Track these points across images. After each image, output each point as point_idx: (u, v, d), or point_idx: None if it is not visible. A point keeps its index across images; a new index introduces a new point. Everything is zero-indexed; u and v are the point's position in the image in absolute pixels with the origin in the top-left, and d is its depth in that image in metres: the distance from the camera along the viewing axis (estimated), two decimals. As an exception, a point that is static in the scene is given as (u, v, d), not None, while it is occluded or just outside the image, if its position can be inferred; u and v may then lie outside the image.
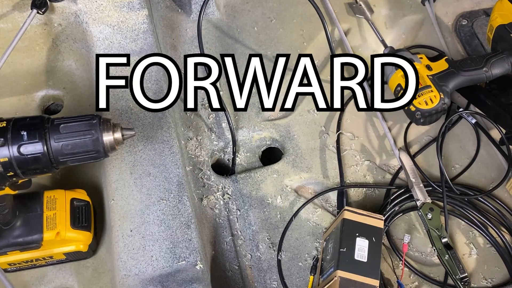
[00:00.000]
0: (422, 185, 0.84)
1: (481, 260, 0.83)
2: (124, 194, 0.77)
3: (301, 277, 0.82)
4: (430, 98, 0.82)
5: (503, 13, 0.91)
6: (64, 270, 0.79)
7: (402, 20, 1.07)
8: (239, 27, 1.04)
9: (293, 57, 1.03)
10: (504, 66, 0.85)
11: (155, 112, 0.84)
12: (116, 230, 0.75)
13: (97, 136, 0.61)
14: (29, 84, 0.94)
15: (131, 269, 0.72)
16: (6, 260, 0.73)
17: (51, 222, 0.72)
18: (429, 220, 0.83)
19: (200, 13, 0.88)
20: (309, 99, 0.99)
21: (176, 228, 0.75)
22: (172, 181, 0.79)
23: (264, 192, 0.89)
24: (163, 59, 0.84)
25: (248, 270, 0.83)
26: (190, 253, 0.73)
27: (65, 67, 0.95)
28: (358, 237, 0.73)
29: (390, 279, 0.81)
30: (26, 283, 0.78)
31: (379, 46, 0.98)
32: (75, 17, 0.90)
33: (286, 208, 0.88)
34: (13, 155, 0.58)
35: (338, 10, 1.04)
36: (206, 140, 0.93)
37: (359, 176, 0.91)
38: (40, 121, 0.60)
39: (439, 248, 0.81)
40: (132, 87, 0.82)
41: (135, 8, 0.90)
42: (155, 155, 0.81)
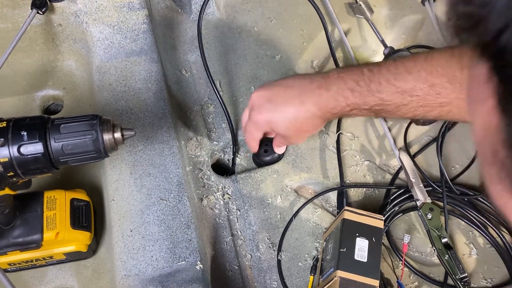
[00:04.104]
0: (422, 185, 0.84)
1: (481, 260, 0.83)
2: (124, 194, 0.77)
3: (301, 277, 0.82)
4: (430, 98, 0.82)
5: (503, 13, 0.91)
6: (64, 270, 0.79)
7: (402, 20, 1.07)
8: (239, 27, 1.04)
9: (293, 57, 1.03)
10: (504, 66, 0.85)
11: (155, 112, 0.84)
12: (116, 230, 0.75)
13: (97, 136, 0.61)
14: (29, 84, 0.94)
15: (131, 269, 0.72)
16: (6, 260, 0.73)
17: (51, 222, 0.72)
18: (429, 220, 0.83)
19: (200, 13, 0.88)
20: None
21: (176, 228, 0.75)
22: (172, 181, 0.79)
23: (264, 192, 0.89)
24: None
25: (248, 270, 0.83)
26: (190, 253, 0.74)
27: (65, 67, 0.95)
28: (358, 237, 0.73)
29: (390, 279, 0.81)
30: (26, 283, 0.78)
31: (379, 46, 0.98)
32: (75, 17, 0.90)
33: (286, 208, 0.88)
34: (13, 155, 0.58)
35: (338, 10, 1.04)
36: (206, 140, 0.93)
37: (359, 176, 0.91)
38: (41, 121, 0.60)
39: (439, 248, 0.81)
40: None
41: (135, 8, 0.90)
42: (155, 155, 0.81)
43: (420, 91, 0.64)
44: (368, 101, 0.67)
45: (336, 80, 0.69)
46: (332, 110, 0.70)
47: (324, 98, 0.69)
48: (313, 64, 1.03)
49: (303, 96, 0.71)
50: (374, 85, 0.66)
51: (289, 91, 0.73)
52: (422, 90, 0.64)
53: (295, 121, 0.73)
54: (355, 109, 0.69)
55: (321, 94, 0.70)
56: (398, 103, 0.66)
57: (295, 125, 0.73)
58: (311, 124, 0.73)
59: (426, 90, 0.64)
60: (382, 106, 0.67)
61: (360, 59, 1.03)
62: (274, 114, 0.73)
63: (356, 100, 0.68)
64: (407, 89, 0.65)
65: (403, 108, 0.67)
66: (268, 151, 0.91)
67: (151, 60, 0.90)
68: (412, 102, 0.66)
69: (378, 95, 0.66)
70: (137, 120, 0.83)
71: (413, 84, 0.64)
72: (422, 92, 0.64)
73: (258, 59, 1.02)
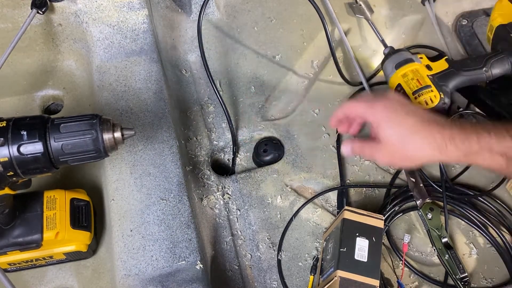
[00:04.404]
0: (422, 185, 0.84)
1: (481, 260, 0.83)
2: (124, 194, 0.77)
3: (301, 277, 0.82)
4: (430, 98, 0.82)
5: (503, 12, 0.91)
6: (64, 270, 0.79)
7: (402, 20, 1.07)
8: (239, 27, 1.04)
9: (293, 57, 1.03)
10: (504, 66, 0.85)
11: (155, 112, 0.84)
12: (116, 230, 0.75)
13: (97, 136, 0.61)
14: (29, 84, 0.94)
15: (131, 269, 0.72)
16: (6, 260, 0.73)
17: (51, 222, 0.72)
18: (429, 220, 0.83)
19: (200, 13, 0.88)
20: (309, 99, 0.99)
21: (176, 228, 0.75)
22: (172, 181, 0.79)
23: (264, 192, 0.89)
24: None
25: (248, 270, 0.83)
26: (190, 253, 0.74)
27: (65, 67, 0.95)
28: (358, 237, 0.73)
29: (390, 279, 0.81)
30: (26, 283, 0.78)
31: (379, 46, 0.98)
32: (75, 17, 0.90)
33: (286, 208, 0.88)
34: (13, 154, 0.58)
35: (338, 10, 1.04)
36: (206, 140, 0.93)
37: (359, 176, 0.91)
38: (40, 120, 0.60)
39: (439, 248, 0.81)
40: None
41: (135, 8, 0.90)
42: (155, 155, 0.81)
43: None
44: (504, 142, 0.61)
45: (469, 123, 0.65)
46: (457, 144, 0.62)
47: (452, 131, 0.63)
48: (313, 64, 1.03)
49: (428, 126, 0.64)
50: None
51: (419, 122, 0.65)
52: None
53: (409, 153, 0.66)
54: (485, 149, 0.62)
55: (451, 127, 0.63)
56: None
57: (407, 155, 0.67)
58: (425, 159, 0.67)
59: None
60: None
61: (360, 59, 1.03)
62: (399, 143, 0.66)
63: (491, 140, 0.61)
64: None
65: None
66: (268, 151, 0.91)
67: (151, 60, 0.90)
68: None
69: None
70: (137, 120, 0.83)
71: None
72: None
73: (258, 59, 1.02)
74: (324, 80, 1.01)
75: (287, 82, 1.01)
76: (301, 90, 1.01)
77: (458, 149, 0.63)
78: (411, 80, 0.85)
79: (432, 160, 0.66)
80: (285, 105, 0.99)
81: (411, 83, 0.84)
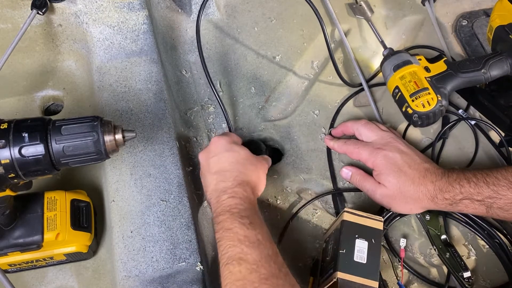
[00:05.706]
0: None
1: (479, 262, 0.84)
2: (124, 195, 0.77)
3: (301, 278, 0.82)
4: (427, 101, 0.82)
5: (502, 13, 0.91)
6: (64, 271, 0.79)
7: (402, 21, 1.07)
8: (239, 27, 1.04)
9: (293, 57, 1.03)
10: (503, 68, 0.85)
11: (155, 113, 0.84)
12: (116, 231, 0.75)
13: (98, 138, 0.61)
14: (29, 84, 0.94)
15: (131, 270, 0.72)
16: (7, 261, 0.73)
17: (52, 223, 0.72)
18: (427, 221, 0.83)
19: (199, 13, 0.88)
20: (309, 99, 0.99)
21: (176, 229, 0.75)
22: (172, 182, 0.79)
23: (264, 193, 0.88)
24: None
25: (248, 270, 0.83)
26: (191, 254, 0.74)
27: (65, 68, 0.95)
28: (357, 239, 0.73)
29: (389, 280, 0.81)
30: (27, 284, 0.78)
31: (379, 47, 0.98)
32: (75, 18, 0.90)
33: (286, 209, 0.88)
34: (14, 156, 0.58)
35: (338, 10, 1.04)
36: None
37: (358, 177, 0.91)
38: (41, 122, 0.61)
39: (439, 247, 0.81)
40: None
41: (135, 9, 0.90)
42: (155, 156, 0.81)
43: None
44: (482, 191, 0.73)
45: (455, 172, 0.76)
46: (444, 195, 0.75)
47: (441, 183, 0.76)
48: (313, 65, 1.03)
49: (423, 178, 0.77)
50: (490, 179, 0.73)
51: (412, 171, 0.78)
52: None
53: (408, 202, 0.79)
54: (466, 198, 0.74)
55: (441, 178, 0.76)
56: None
57: (404, 202, 0.79)
58: (419, 206, 0.79)
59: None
60: (495, 199, 0.72)
61: (360, 60, 1.03)
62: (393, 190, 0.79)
63: (470, 190, 0.73)
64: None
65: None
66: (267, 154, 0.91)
67: (151, 60, 0.90)
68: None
69: (492, 187, 0.72)
70: (137, 121, 0.83)
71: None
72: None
73: (258, 59, 1.02)
74: (324, 81, 1.01)
75: (287, 83, 1.01)
76: (301, 91, 1.01)
77: (445, 199, 0.75)
78: (409, 83, 0.85)
79: (426, 207, 0.79)
80: (285, 106, 0.99)
81: (409, 86, 0.85)
